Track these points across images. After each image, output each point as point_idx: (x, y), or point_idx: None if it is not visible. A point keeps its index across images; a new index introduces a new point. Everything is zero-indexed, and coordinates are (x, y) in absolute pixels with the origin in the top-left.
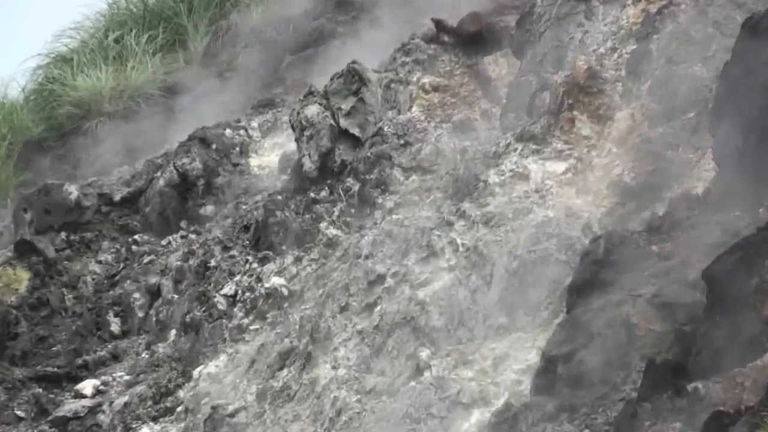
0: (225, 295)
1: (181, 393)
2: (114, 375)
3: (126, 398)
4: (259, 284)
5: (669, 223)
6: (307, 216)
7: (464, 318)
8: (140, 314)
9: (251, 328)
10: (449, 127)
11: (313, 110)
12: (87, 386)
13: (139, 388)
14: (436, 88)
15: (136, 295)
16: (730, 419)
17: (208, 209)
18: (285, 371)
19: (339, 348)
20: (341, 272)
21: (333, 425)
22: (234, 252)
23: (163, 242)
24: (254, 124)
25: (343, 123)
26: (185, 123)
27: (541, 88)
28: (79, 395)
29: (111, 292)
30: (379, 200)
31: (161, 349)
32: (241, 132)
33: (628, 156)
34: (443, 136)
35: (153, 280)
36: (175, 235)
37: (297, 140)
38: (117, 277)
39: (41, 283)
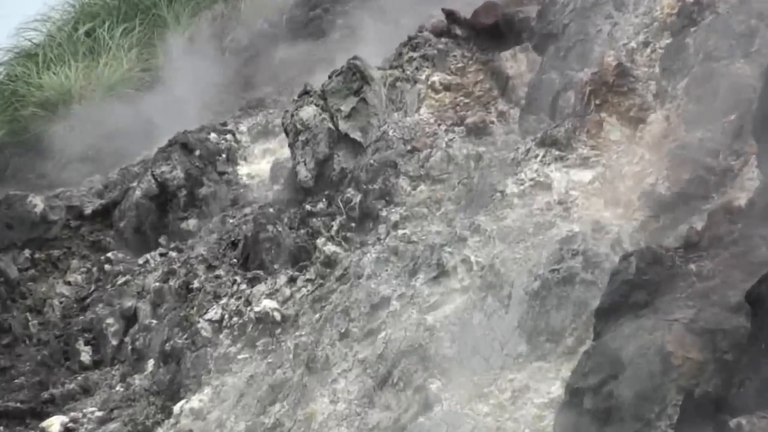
0: (210, 321)
1: (160, 431)
2: (84, 411)
3: None
4: (248, 308)
5: (708, 239)
6: (302, 231)
7: (479, 346)
8: (114, 342)
9: (239, 357)
10: (462, 130)
11: (308, 112)
12: (54, 423)
13: (113, 426)
14: (447, 87)
15: (110, 320)
16: None
17: (191, 223)
18: (277, 406)
19: (338, 379)
20: (341, 294)
21: None
22: (220, 272)
23: (140, 261)
24: (242, 127)
25: (343, 126)
26: (165, 126)
27: (564, 87)
28: None
29: (81, 317)
30: (383, 213)
31: (138, 381)
32: (228, 136)
33: (662, 163)
34: (455, 140)
35: (128, 303)
36: (153, 253)
37: (291, 146)
38: (88, 301)
39: (2, 308)
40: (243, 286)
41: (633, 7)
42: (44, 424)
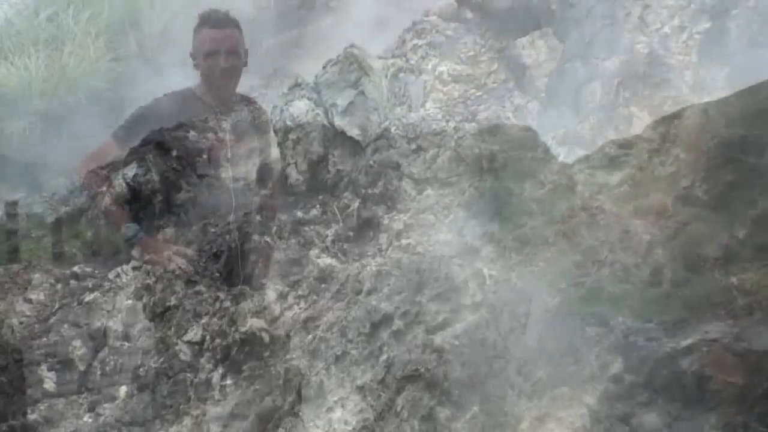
0: (189, 342)
1: None
2: None
3: None
4: (233, 328)
5: (753, 248)
6: (293, 241)
7: (493, 369)
8: (81, 367)
9: (223, 383)
10: (473, 127)
11: (300, 107)
12: None
13: None
14: (456, 79)
15: (76, 342)
16: None
17: (168, 233)
18: None
19: (334, 408)
20: (337, 312)
21: None
22: (200, 287)
23: (111, 275)
24: (225, 124)
25: (339, 123)
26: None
27: (590, 77)
28: None
29: (44, 340)
30: (385, 221)
31: (108, 410)
32: (210, 135)
33: (700, 163)
34: (466, 139)
35: (97, 323)
36: (125, 266)
37: (280, 145)
38: (51, 321)
39: None
40: (227, 304)
41: None
42: None
